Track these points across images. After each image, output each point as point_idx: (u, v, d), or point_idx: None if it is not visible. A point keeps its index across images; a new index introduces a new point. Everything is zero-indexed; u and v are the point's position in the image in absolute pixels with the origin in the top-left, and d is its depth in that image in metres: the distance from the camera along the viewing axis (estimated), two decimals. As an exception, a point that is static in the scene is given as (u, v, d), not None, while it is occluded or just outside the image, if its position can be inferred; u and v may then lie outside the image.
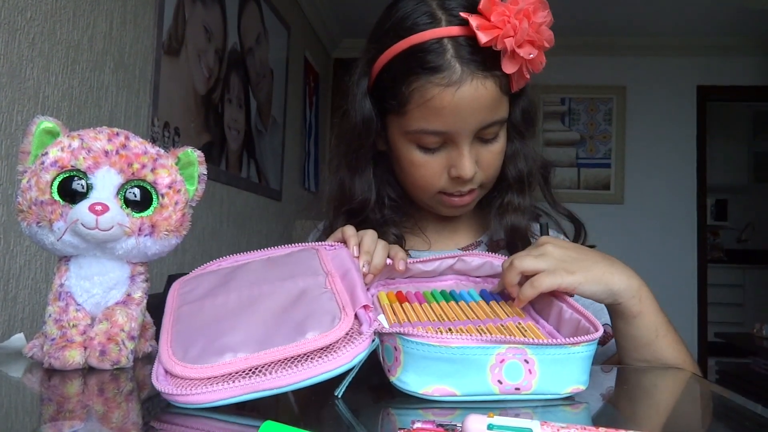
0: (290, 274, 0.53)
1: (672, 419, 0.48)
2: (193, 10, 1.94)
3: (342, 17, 3.67)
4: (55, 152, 0.54)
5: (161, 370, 0.44)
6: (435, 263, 0.64)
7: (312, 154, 3.51)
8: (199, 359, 0.43)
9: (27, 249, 1.20)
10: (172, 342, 0.46)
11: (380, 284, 0.64)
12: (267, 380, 0.41)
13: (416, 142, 0.73)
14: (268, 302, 0.48)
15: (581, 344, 0.46)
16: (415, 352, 0.44)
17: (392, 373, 0.46)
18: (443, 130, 0.70)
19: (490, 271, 0.65)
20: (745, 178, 5.40)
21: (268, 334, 0.44)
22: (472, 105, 0.68)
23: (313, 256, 0.57)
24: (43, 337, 0.57)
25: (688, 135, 3.85)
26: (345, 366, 0.42)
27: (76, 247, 0.55)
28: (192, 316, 0.49)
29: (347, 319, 0.44)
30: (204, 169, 0.61)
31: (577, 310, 0.53)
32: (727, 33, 3.69)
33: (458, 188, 0.74)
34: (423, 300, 0.60)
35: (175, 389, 0.41)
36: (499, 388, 0.45)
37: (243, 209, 2.40)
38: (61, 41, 1.30)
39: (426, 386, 0.44)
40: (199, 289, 0.54)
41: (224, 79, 2.21)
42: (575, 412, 0.46)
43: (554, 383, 0.46)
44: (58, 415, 0.43)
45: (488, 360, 0.44)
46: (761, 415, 0.46)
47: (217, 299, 0.51)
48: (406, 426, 0.36)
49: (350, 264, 0.54)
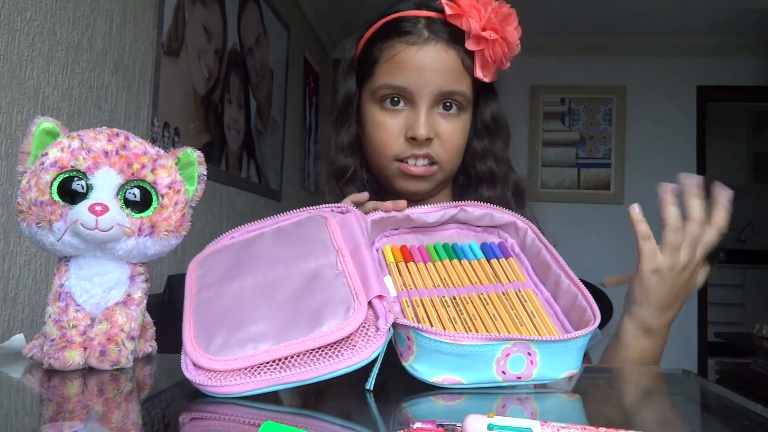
0: (302, 251, 0.55)
1: (671, 419, 0.48)
2: (193, 10, 1.94)
3: (342, 17, 3.67)
4: (54, 153, 0.54)
5: (189, 361, 0.46)
6: (438, 213, 0.65)
7: (312, 155, 3.51)
8: (222, 350, 0.45)
9: (27, 249, 1.20)
10: (195, 332, 0.48)
11: (384, 236, 0.65)
12: (290, 374, 0.44)
13: (380, 101, 0.79)
14: (284, 287, 0.51)
15: (580, 337, 0.49)
16: (428, 346, 0.46)
17: (405, 358, 0.48)
18: (404, 85, 0.77)
19: (490, 222, 0.66)
20: (745, 178, 5.41)
21: (286, 324, 0.46)
22: (432, 65, 0.76)
23: (322, 228, 0.58)
24: (42, 337, 0.57)
25: (687, 135, 3.85)
26: (364, 361, 0.44)
27: (75, 247, 0.55)
28: (211, 304, 0.51)
29: (361, 308, 0.46)
30: (204, 169, 0.61)
31: (575, 283, 0.55)
32: (727, 33, 3.69)
33: (413, 151, 0.76)
34: (427, 258, 0.61)
35: (206, 380, 0.44)
36: (503, 378, 0.48)
37: (243, 209, 2.40)
38: (61, 42, 1.30)
39: (436, 376, 0.47)
40: (215, 271, 0.56)
41: (224, 80, 2.21)
42: (571, 401, 0.50)
43: (552, 370, 0.49)
44: (58, 416, 0.43)
45: (495, 354, 0.47)
46: (761, 415, 0.46)
47: (233, 284, 0.53)
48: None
49: (360, 236, 0.55)
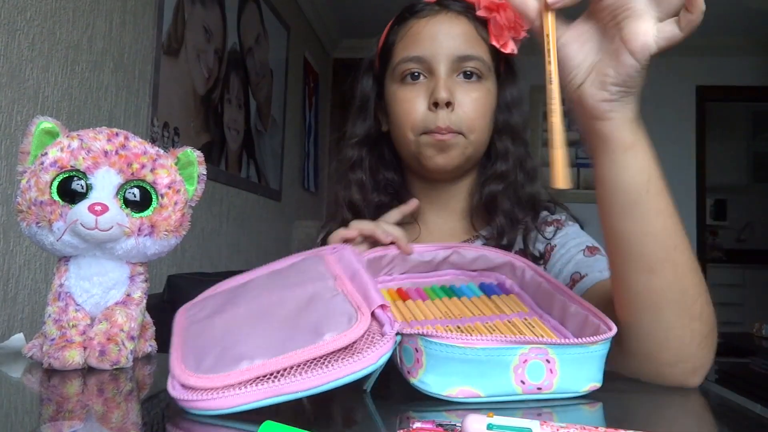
0: (297, 281, 0.51)
1: (671, 419, 0.48)
2: (193, 10, 1.94)
3: (342, 17, 3.67)
4: (54, 152, 0.54)
5: (176, 383, 0.41)
6: (432, 253, 0.64)
7: (311, 155, 3.51)
8: (213, 369, 0.40)
9: (27, 249, 1.20)
10: (183, 357, 0.43)
11: (378, 281, 0.64)
12: (291, 383, 0.39)
13: (401, 77, 0.80)
14: (279, 310, 0.46)
15: (599, 343, 0.46)
16: (438, 354, 0.43)
17: (413, 374, 0.45)
18: (420, 54, 0.78)
19: (485, 265, 0.65)
20: (745, 177, 5.41)
21: (284, 340, 0.42)
22: (445, 31, 0.78)
23: (318, 262, 0.56)
24: (42, 337, 0.57)
25: (687, 135, 3.85)
26: (371, 367, 0.41)
27: (75, 247, 0.55)
28: (202, 333, 0.47)
29: (364, 318, 0.42)
30: (203, 169, 0.61)
31: (582, 304, 0.53)
32: (727, 33, 3.69)
33: (438, 123, 0.76)
34: (425, 296, 0.60)
35: (192, 395, 0.39)
36: (522, 389, 0.45)
37: (242, 209, 2.40)
38: (60, 41, 1.30)
39: (449, 388, 0.44)
40: (206, 310, 0.52)
41: (224, 80, 2.21)
42: (592, 411, 0.47)
43: (573, 382, 0.46)
44: (58, 415, 0.43)
45: (512, 360, 0.44)
46: (761, 414, 0.46)
47: (225, 314, 0.49)
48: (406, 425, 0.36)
49: (357, 265, 0.53)
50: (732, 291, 4.83)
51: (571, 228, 0.82)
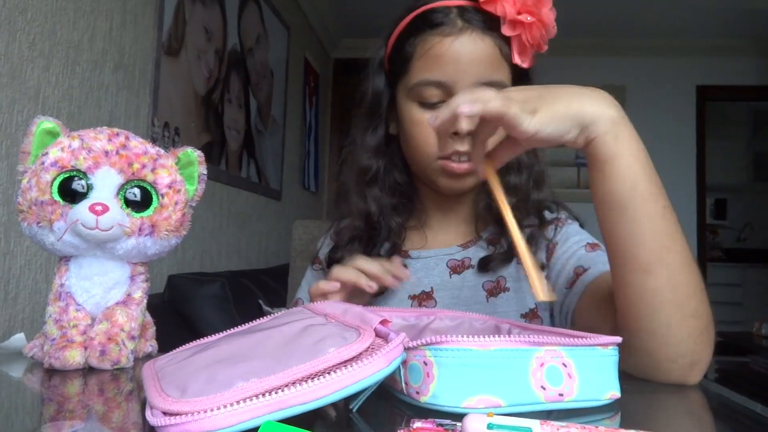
0: (282, 322, 0.47)
1: (670, 418, 0.48)
2: (193, 10, 1.94)
3: (342, 17, 3.67)
4: (55, 152, 0.54)
5: (157, 412, 0.36)
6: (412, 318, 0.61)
7: (312, 154, 3.51)
8: (203, 392, 0.35)
9: (27, 249, 1.20)
10: (163, 390, 0.37)
11: None
12: (294, 396, 0.34)
13: (418, 98, 0.75)
14: (269, 342, 0.42)
15: (609, 347, 0.46)
16: (450, 362, 0.41)
17: (423, 393, 0.42)
18: (442, 79, 0.73)
19: (468, 331, 0.61)
20: (745, 177, 5.41)
21: (281, 359, 0.38)
22: (469, 55, 0.72)
23: (302, 309, 0.52)
24: (43, 337, 0.57)
25: (687, 135, 3.85)
26: (384, 371, 0.37)
27: (76, 247, 0.55)
28: (182, 368, 0.41)
29: (367, 333, 0.40)
30: (204, 169, 0.61)
31: (578, 336, 0.50)
32: (727, 33, 3.70)
33: (456, 147, 0.73)
34: None
35: (178, 419, 0.33)
36: (544, 395, 0.43)
37: (243, 209, 2.40)
38: (61, 41, 1.30)
39: (468, 398, 0.41)
40: (180, 356, 0.46)
41: (224, 80, 2.21)
42: (616, 421, 0.45)
43: (593, 389, 0.45)
44: (59, 415, 0.43)
45: (529, 364, 0.42)
46: (761, 414, 0.46)
47: (206, 353, 0.43)
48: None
49: (346, 305, 0.50)
50: (732, 290, 4.83)
51: (572, 226, 0.81)
